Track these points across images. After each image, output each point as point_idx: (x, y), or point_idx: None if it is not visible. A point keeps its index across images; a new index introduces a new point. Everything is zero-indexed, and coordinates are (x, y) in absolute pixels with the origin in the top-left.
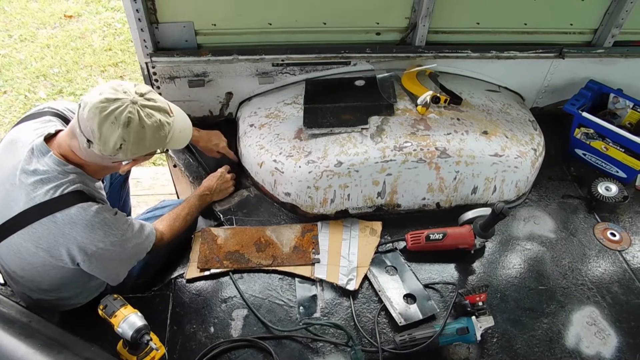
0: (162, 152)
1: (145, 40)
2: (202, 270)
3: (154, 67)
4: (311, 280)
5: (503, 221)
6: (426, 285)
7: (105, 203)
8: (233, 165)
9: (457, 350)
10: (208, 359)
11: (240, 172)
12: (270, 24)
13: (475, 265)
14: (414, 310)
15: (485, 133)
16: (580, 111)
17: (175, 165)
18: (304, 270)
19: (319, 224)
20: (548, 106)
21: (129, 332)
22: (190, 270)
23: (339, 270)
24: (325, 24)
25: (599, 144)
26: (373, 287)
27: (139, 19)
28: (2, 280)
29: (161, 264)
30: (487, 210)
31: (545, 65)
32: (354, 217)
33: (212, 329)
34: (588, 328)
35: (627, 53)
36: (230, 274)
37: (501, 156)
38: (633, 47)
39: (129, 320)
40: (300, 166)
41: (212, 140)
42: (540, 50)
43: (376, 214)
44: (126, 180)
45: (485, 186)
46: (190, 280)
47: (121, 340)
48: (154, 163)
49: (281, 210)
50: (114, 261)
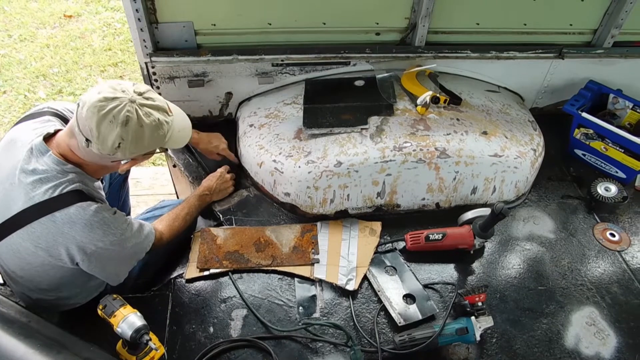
0: (162, 152)
1: (144, 40)
2: (202, 270)
3: (153, 67)
4: (310, 281)
5: (502, 221)
6: (425, 286)
7: (104, 203)
8: (233, 166)
9: (457, 351)
10: (207, 359)
11: (240, 173)
12: (270, 24)
13: (475, 265)
14: (414, 311)
15: (485, 133)
16: (580, 111)
17: (174, 165)
18: (304, 271)
19: (319, 224)
20: (548, 106)
21: (128, 332)
22: (190, 270)
23: (338, 271)
24: (325, 24)
25: (598, 145)
26: (372, 287)
27: (139, 19)
28: (2, 280)
29: (160, 264)
30: (487, 211)
31: (545, 65)
32: (353, 217)
33: (212, 329)
34: (587, 328)
35: (627, 53)
36: (230, 274)
37: (501, 156)
38: (633, 48)
39: (128, 320)
40: (299, 166)
41: (213, 142)
42: (540, 51)
43: (376, 214)
44: (125, 180)
45: (485, 186)
46: (189, 280)
47: (120, 340)
48: (153, 163)
49: (281, 211)
50: (113, 260)
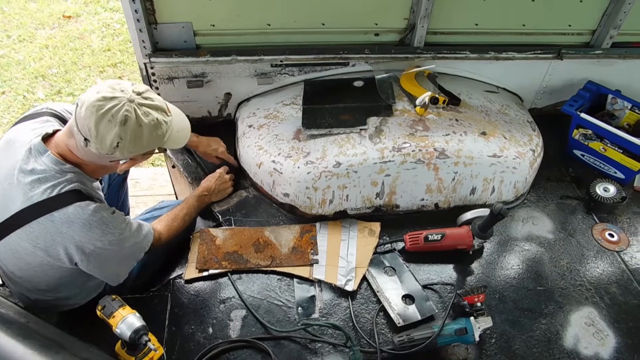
0: (160, 152)
1: (144, 40)
2: (201, 270)
3: (152, 68)
4: (310, 281)
5: (501, 222)
6: (425, 286)
7: (102, 203)
8: (232, 168)
9: (456, 351)
10: None
11: (239, 175)
12: (269, 25)
13: (474, 266)
14: (413, 311)
15: (484, 134)
16: (579, 112)
17: (174, 166)
18: (303, 271)
19: (318, 224)
20: (546, 107)
21: (127, 333)
22: (189, 270)
23: (337, 271)
24: (324, 24)
25: (597, 145)
26: (371, 288)
27: (138, 20)
28: (0, 281)
29: (160, 264)
30: (486, 211)
31: (544, 66)
32: (352, 218)
33: (211, 330)
34: (586, 329)
35: (625, 54)
36: (229, 274)
37: (500, 157)
38: (631, 48)
39: (127, 320)
40: (299, 167)
41: (212, 145)
42: (539, 51)
43: (375, 215)
44: (124, 180)
45: (484, 187)
46: (188, 281)
47: (119, 340)
48: (152, 164)
49: (280, 211)
50: (112, 260)
